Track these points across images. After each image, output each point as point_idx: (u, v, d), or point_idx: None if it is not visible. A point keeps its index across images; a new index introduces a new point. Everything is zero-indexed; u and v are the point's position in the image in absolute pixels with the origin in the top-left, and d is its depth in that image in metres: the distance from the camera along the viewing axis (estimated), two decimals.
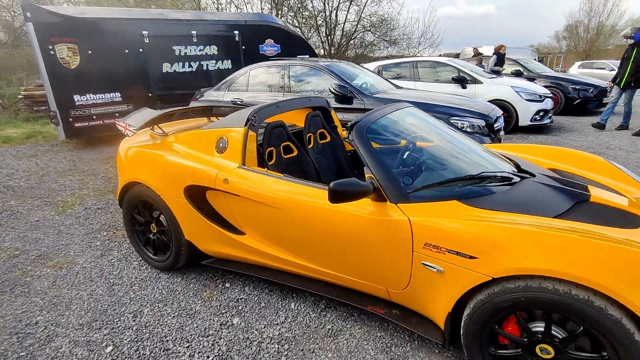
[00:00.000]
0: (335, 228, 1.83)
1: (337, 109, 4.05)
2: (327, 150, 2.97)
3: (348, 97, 4.50)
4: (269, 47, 8.32)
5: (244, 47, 7.92)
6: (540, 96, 6.53)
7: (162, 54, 6.98)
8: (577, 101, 8.26)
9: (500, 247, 1.39)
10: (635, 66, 6.16)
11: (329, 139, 3.06)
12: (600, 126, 6.68)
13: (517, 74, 8.59)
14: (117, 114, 6.56)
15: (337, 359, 1.82)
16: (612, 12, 33.76)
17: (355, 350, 1.87)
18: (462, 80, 6.84)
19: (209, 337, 1.98)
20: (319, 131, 2.95)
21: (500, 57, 8.23)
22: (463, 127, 3.96)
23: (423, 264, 1.59)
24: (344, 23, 19.95)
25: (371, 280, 1.86)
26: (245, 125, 2.26)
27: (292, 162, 2.56)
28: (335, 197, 1.59)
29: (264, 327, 2.05)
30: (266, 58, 7.92)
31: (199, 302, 2.29)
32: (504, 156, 2.29)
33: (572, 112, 8.39)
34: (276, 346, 1.91)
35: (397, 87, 5.36)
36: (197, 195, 2.32)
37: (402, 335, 1.95)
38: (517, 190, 1.79)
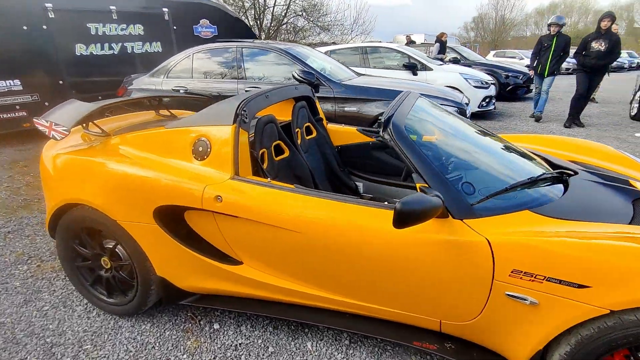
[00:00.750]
0: (377, 253, 1.44)
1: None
2: (313, 147, 2.54)
3: (314, 85, 4.04)
4: (205, 28, 7.42)
5: (175, 28, 6.94)
6: (486, 83, 6.74)
7: (74, 32, 5.77)
8: (509, 87, 8.78)
9: (619, 273, 1.12)
10: (556, 55, 6.29)
11: (314, 134, 2.62)
12: (539, 118, 6.82)
13: (455, 61, 8.85)
14: (18, 106, 5.28)
15: None
16: (515, 6, 37.48)
17: None
18: (412, 67, 6.77)
19: None
20: (305, 125, 2.50)
21: (442, 45, 8.37)
22: None
23: (508, 294, 1.28)
24: (274, 6, 19.11)
25: (420, 311, 1.51)
26: (234, 121, 1.72)
27: (284, 165, 2.09)
28: (403, 220, 1.18)
29: None
30: (202, 40, 7.09)
31: (184, 356, 1.74)
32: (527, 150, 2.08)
33: (504, 98, 8.92)
34: None
35: (358, 74, 5.04)
36: (172, 218, 1.73)
37: None
38: (576, 193, 1.56)
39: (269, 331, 1.89)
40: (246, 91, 4.20)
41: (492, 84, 6.91)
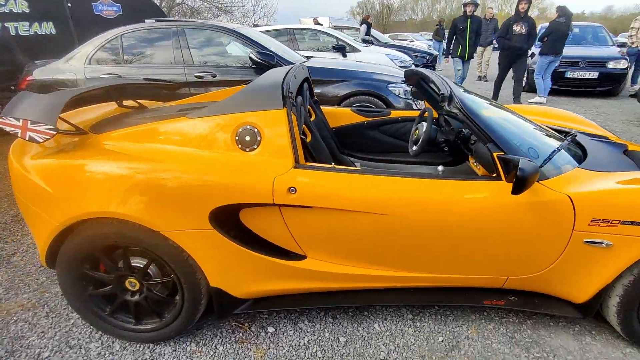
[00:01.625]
0: (460, 224, 1.49)
1: (242, 81, 3.58)
2: (314, 130, 2.47)
3: (272, 67, 3.86)
4: (106, 6, 6.38)
5: (70, 5, 5.82)
6: (407, 63, 7.24)
7: None
8: (419, 67, 9.59)
9: None
10: (472, 36, 6.52)
11: (314, 116, 2.55)
12: None
13: (369, 42, 9.29)
14: None
15: None
16: None
17: (487, 352, 1.64)
18: (342, 49, 6.90)
19: None
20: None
21: (369, 26, 8.68)
22: (399, 94, 3.96)
23: (586, 242, 1.46)
24: None
25: (491, 272, 1.63)
26: (284, 105, 1.56)
27: (306, 150, 1.99)
28: (523, 186, 1.26)
29: None
30: (104, 20, 6.17)
31: None
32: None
33: None
34: None
35: (305, 56, 4.95)
36: (227, 219, 1.52)
37: (514, 320, 1.82)
38: (594, 151, 1.83)
39: (330, 322, 1.82)
40: (198, 77, 3.80)
41: (413, 64, 7.46)
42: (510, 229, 1.49)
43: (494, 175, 1.52)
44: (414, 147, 2.33)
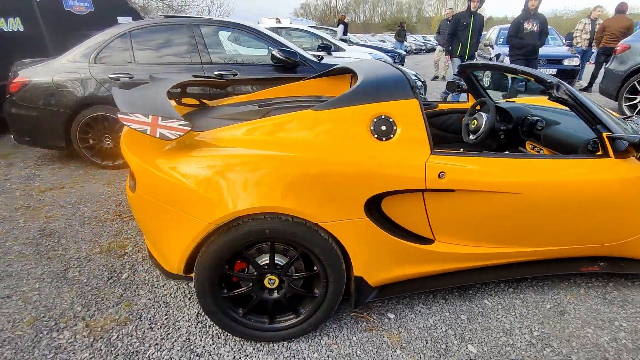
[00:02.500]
0: (579, 197, 1.66)
1: (272, 79, 3.54)
2: None
3: (295, 65, 3.86)
4: (77, 1, 5.89)
5: (37, 1, 5.30)
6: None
7: None
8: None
9: None
10: (475, 35, 5.81)
11: None
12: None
13: (347, 42, 9.50)
14: None
15: (593, 328, 1.73)
16: None
17: (592, 313, 1.83)
18: (328, 48, 6.98)
19: None
20: None
21: (345, 26, 8.82)
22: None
23: None
24: None
25: (593, 241, 1.82)
26: (415, 96, 1.62)
27: None
28: None
29: (503, 336, 1.68)
30: (76, 17, 5.74)
31: (398, 352, 1.62)
32: None
33: None
34: (544, 350, 1.62)
35: (316, 55, 4.95)
36: (375, 209, 1.55)
37: (598, 284, 2.04)
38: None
39: (444, 303, 1.91)
40: (218, 76, 3.67)
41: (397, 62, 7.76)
42: (616, 201, 1.69)
43: (599, 153, 1.71)
44: (472, 136, 2.48)
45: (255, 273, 1.55)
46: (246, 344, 1.65)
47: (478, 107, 2.59)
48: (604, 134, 1.68)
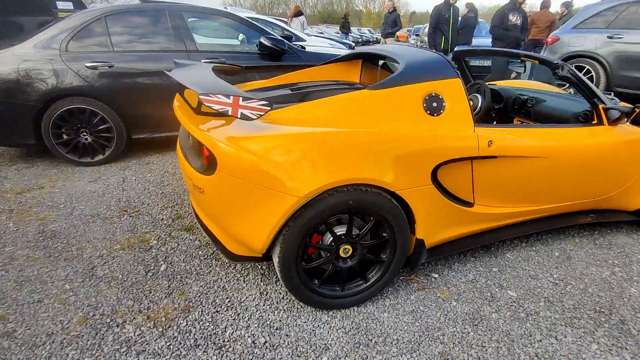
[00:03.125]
0: (592, 159, 2.01)
1: (255, 67, 3.44)
2: None
3: (283, 53, 3.89)
4: None
5: None
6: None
7: None
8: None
9: None
10: (455, 27, 5.83)
11: None
12: None
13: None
14: None
15: (595, 267, 2.10)
16: None
17: (591, 255, 2.21)
18: (289, 38, 7.00)
19: (529, 317, 1.74)
20: None
21: (304, 17, 8.82)
22: None
23: None
24: None
25: (589, 196, 2.19)
26: (457, 75, 1.82)
27: None
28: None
29: (532, 281, 1.98)
30: None
31: (455, 304, 1.83)
32: None
33: None
34: (566, 287, 1.95)
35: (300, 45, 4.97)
36: (434, 176, 1.72)
37: (586, 233, 2.44)
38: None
39: (474, 260, 2.16)
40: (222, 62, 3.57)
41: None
42: (608, 160, 2.06)
43: (595, 122, 2.06)
44: None
45: (334, 243, 1.64)
46: (320, 313, 1.74)
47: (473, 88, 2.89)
48: (600, 106, 2.03)
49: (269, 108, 1.46)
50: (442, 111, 1.75)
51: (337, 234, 1.64)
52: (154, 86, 3.45)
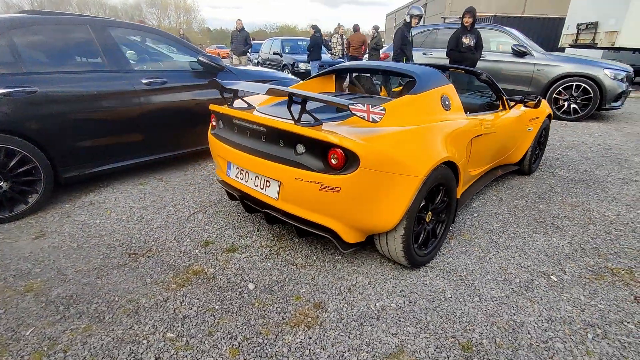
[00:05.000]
0: (507, 131, 3.12)
1: (193, 86, 3.54)
2: None
3: (220, 70, 3.89)
4: None
5: None
6: None
7: None
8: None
9: None
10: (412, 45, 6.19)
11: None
12: None
13: None
14: None
15: (519, 199, 3.27)
16: None
17: (508, 196, 3.38)
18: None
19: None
20: None
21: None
22: None
23: (528, 129, 3.42)
24: None
25: (502, 156, 3.34)
26: (450, 80, 2.58)
27: None
28: (539, 106, 3.02)
29: (495, 223, 2.95)
30: None
31: (476, 238, 2.58)
32: None
33: None
34: (516, 214, 3.00)
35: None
36: None
37: (501, 182, 3.64)
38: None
39: (460, 214, 2.99)
40: (147, 84, 3.26)
41: None
42: (510, 131, 3.23)
43: (501, 108, 3.21)
44: None
45: (424, 211, 2.12)
46: (418, 272, 2.18)
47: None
48: (504, 98, 3.18)
49: (384, 112, 1.83)
50: (450, 108, 2.46)
51: (424, 205, 2.13)
52: (87, 113, 2.94)
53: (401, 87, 3.69)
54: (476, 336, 1.72)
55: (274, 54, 11.29)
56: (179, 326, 1.75)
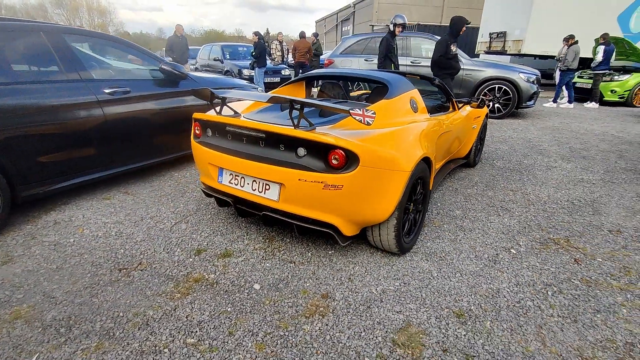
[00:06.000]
0: (458, 129, 3.53)
1: (157, 95, 3.49)
2: None
3: (183, 78, 3.83)
4: None
5: None
6: None
7: None
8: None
9: None
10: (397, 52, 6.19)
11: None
12: None
13: None
14: None
15: (468, 182, 3.71)
16: None
17: (465, 182, 3.82)
18: None
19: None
20: None
21: None
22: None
23: (473, 127, 3.90)
24: None
25: (454, 151, 3.78)
26: (414, 85, 2.89)
27: None
28: (482, 107, 3.47)
29: (446, 201, 3.34)
30: None
31: (445, 224, 2.92)
32: None
33: None
34: (449, 198, 3.43)
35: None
36: None
37: (452, 175, 4.08)
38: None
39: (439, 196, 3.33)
40: (110, 94, 3.12)
41: None
42: (462, 129, 3.67)
43: (451, 110, 3.63)
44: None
45: (409, 203, 2.38)
46: (404, 257, 2.43)
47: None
48: (454, 100, 3.60)
49: (375, 115, 2.05)
50: (418, 110, 2.77)
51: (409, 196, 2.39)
52: (46, 126, 2.74)
53: (362, 92, 3.99)
54: (465, 305, 2.01)
55: (215, 60, 11.08)
56: (197, 331, 1.78)
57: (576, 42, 9.03)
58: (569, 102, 9.64)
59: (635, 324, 1.90)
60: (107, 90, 3.09)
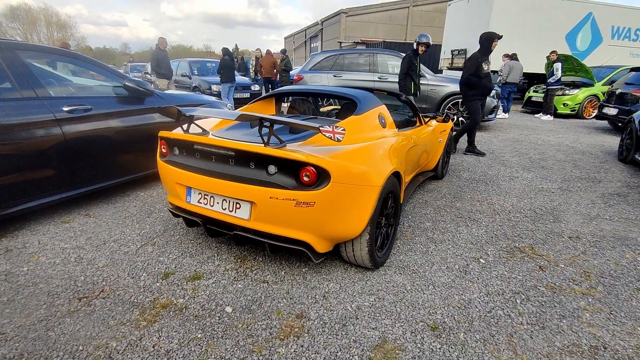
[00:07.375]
0: (426, 143, 3.64)
1: (121, 113, 3.37)
2: None
3: (148, 95, 3.72)
4: None
5: None
6: None
7: None
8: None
9: None
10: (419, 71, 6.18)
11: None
12: None
13: None
14: None
15: (438, 191, 3.81)
16: None
17: (434, 194, 3.91)
18: None
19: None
20: None
21: None
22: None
23: (439, 140, 4.03)
24: None
25: (422, 163, 3.88)
26: (382, 102, 2.96)
27: None
28: (447, 121, 3.60)
29: (419, 211, 3.41)
30: None
31: (416, 236, 2.97)
32: None
33: None
34: (425, 210, 3.50)
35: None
36: None
37: (421, 187, 4.17)
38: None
39: (409, 210, 3.38)
40: (69, 112, 2.98)
41: None
42: (429, 142, 3.78)
43: (418, 124, 3.74)
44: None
45: (381, 217, 2.39)
46: (378, 271, 2.43)
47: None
48: (420, 115, 3.71)
49: (344, 132, 2.07)
50: (386, 126, 2.83)
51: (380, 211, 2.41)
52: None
53: (332, 107, 4.04)
54: (439, 317, 2.02)
55: (182, 75, 10.91)
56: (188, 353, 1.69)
57: (512, 58, 9.75)
58: (504, 111, 10.26)
59: (598, 327, 1.98)
60: (66, 109, 2.95)
